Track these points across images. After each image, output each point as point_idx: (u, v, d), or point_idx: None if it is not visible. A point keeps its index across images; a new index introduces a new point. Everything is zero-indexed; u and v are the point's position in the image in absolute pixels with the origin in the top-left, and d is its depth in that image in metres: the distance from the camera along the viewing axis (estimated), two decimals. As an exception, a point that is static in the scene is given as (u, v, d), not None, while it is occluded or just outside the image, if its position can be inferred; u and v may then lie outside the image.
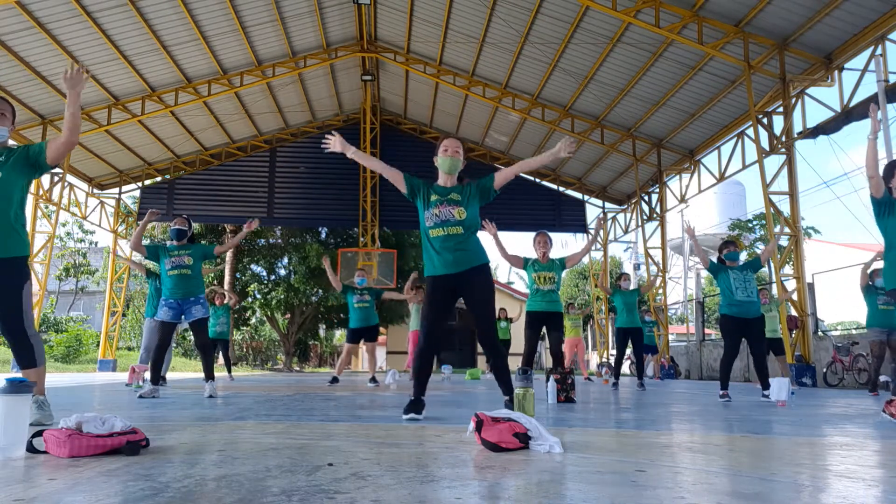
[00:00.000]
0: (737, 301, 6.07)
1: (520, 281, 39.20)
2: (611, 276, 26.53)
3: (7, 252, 3.11)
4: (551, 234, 6.67)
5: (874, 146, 3.89)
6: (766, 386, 6.05)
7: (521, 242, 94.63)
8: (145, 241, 6.02)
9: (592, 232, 6.10)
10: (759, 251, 23.71)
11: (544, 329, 6.39)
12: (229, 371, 11.56)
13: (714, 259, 6.47)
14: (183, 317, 5.76)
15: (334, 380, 8.97)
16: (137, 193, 19.44)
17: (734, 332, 6.12)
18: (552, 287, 6.30)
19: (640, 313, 14.39)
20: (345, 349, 9.29)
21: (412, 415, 3.57)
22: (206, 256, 6.00)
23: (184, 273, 5.71)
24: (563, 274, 9.21)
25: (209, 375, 5.86)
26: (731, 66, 12.29)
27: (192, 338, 25.73)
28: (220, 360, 11.65)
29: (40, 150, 3.19)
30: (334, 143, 3.92)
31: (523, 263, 6.42)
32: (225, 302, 10.89)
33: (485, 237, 6.47)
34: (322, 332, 30.60)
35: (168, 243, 6.04)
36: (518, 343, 9.66)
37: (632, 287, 9.18)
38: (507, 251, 6.38)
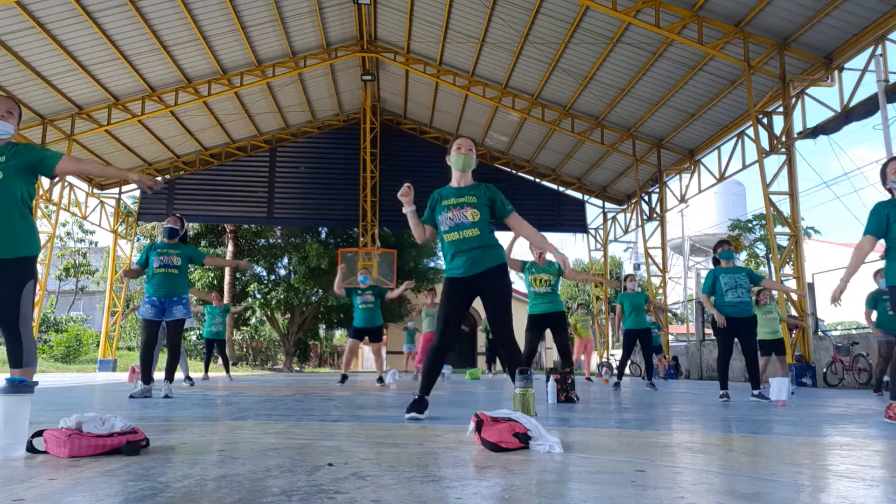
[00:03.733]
0: (727, 303, 6.16)
1: (521, 282, 39.13)
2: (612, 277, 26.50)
3: (10, 252, 3.07)
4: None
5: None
6: (755, 385, 6.16)
7: (522, 242, 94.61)
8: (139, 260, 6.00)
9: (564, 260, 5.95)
10: (759, 251, 23.68)
11: (548, 330, 6.43)
12: (227, 371, 11.56)
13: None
14: (164, 315, 5.75)
15: (344, 378, 9.01)
16: (137, 193, 19.45)
17: (726, 332, 6.19)
18: (548, 289, 6.38)
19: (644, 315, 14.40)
20: (347, 346, 9.29)
21: (414, 413, 3.57)
22: (193, 261, 5.94)
23: (170, 272, 5.71)
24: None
25: (169, 375, 5.84)
26: (731, 66, 12.29)
27: (191, 337, 25.90)
28: (220, 360, 11.65)
29: (51, 161, 3.15)
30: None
31: (521, 267, 6.47)
32: (223, 302, 10.93)
33: (502, 235, 6.52)
34: (322, 332, 30.55)
35: (159, 240, 6.03)
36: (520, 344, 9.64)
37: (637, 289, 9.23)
38: (511, 253, 6.43)
